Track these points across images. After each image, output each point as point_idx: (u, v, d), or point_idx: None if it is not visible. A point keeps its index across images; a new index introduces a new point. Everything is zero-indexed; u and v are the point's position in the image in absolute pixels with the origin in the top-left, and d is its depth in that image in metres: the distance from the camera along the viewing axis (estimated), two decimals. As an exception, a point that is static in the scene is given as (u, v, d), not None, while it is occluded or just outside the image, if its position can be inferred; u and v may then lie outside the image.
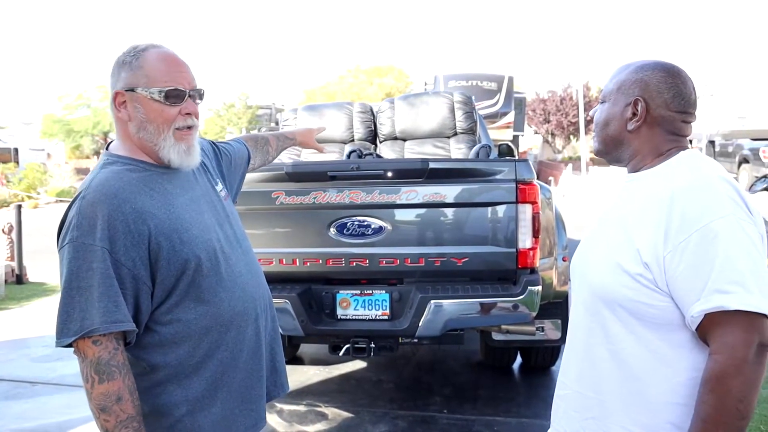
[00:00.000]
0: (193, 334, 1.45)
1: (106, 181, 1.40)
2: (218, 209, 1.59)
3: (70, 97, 35.38)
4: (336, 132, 4.54)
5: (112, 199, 1.36)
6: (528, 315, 3.00)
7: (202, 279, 1.45)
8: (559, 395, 1.44)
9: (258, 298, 1.60)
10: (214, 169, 1.73)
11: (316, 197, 3.10)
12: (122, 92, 1.45)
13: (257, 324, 1.59)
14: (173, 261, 1.40)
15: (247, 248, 1.65)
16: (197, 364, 1.46)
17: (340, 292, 3.16)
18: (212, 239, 1.49)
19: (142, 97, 1.44)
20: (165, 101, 1.44)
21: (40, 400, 3.96)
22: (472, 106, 4.48)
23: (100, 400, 1.31)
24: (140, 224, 1.37)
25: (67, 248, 1.35)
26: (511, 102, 14.27)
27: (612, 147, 1.38)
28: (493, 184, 3.03)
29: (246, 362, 1.55)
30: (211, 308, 1.47)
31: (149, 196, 1.42)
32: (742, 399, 1.11)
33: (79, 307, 1.32)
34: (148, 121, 1.45)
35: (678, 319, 1.21)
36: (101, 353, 1.32)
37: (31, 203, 17.88)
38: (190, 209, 1.49)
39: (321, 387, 4.15)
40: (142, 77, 1.44)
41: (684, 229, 1.17)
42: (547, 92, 26.51)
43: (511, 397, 3.92)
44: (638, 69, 1.33)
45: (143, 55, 1.45)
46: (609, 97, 1.37)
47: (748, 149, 14.08)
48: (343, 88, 32.96)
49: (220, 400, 1.50)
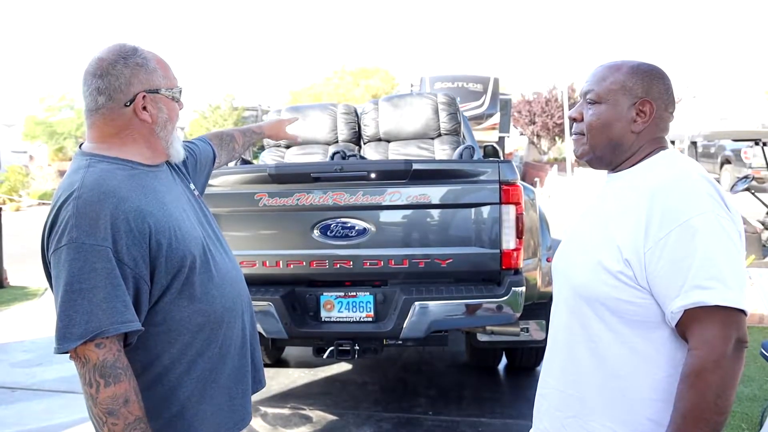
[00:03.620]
0: (185, 332, 1.44)
1: (102, 179, 1.37)
2: (196, 208, 1.60)
3: (52, 98, 34.97)
4: (320, 133, 4.52)
5: (111, 197, 1.34)
6: (512, 316, 3.00)
7: (195, 277, 1.44)
8: (541, 393, 1.45)
9: (243, 294, 1.62)
10: (186, 168, 1.73)
11: (300, 199, 3.08)
12: (146, 95, 1.46)
13: (243, 320, 1.60)
14: (171, 259, 1.39)
15: (226, 246, 1.66)
16: (189, 363, 1.45)
17: (324, 294, 3.14)
18: (200, 236, 1.50)
19: (164, 98, 1.49)
20: (179, 100, 1.53)
21: (20, 406, 3.90)
22: (456, 107, 4.48)
23: (107, 403, 1.28)
24: (141, 222, 1.35)
25: (66, 249, 1.30)
26: (497, 103, 14.32)
27: (609, 149, 1.35)
28: (476, 185, 3.04)
29: (233, 358, 1.55)
30: (204, 305, 1.46)
31: (143, 194, 1.41)
32: (721, 394, 1.12)
33: (82, 309, 1.28)
34: (169, 121, 1.51)
35: (658, 316, 1.22)
36: (106, 356, 1.29)
37: (13, 206, 17.64)
38: (177, 207, 1.48)
39: (305, 390, 4.13)
40: (161, 78, 1.48)
41: (664, 225, 1.18)
42: (532, 94, 26.62)
43: (496, 397, 3.93)
44: (636, 70, 1.33)
45: (146, 55, 1.47)
46: (605, 98, 1.34)
47: (730, 150, 14.25)
48: (330, 90, 32.89)
49: (209, 397, 1.49)
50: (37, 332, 5.43)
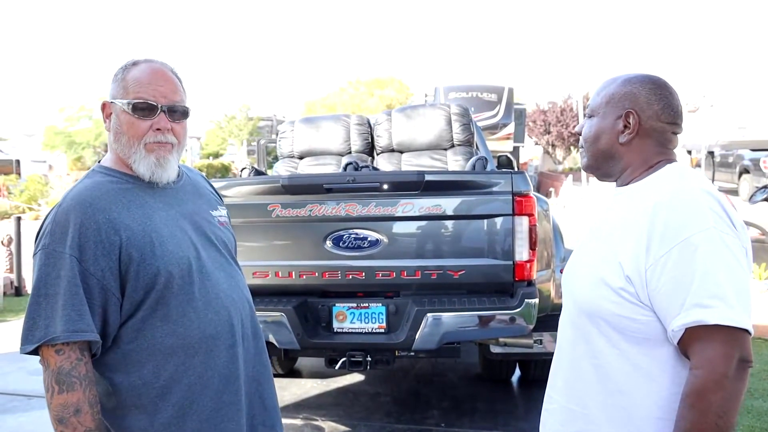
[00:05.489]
0: (156, 353, 1.40)
1: (84, 190, 1.41)
2: (206, 230, 1.54)
3: (71, 108, 35.46)
4: (333, 144, 4.54)
5: (87, 208, 1.36)
6: (525, 328, 2.98)
7: (171, 296, 1.41)
8: (546, 409, 1.44)
9: (237, 325, 1.51)
10: (219, 201, 1.69)
11: (312, 210, 3.09)
12: (107, 103, 1.47)
13: (233, 352, 1.49)
14: (143, 273, 1.38)
15: (233, 274, 1.57)
16: (163, 388, 1.40)
17: (336, 305, 3.14)
18: (188, 257, 1.45)
19: (118, 107, 1.44)
20: (133, 113, 1.43)
21: (36, 414, 3.93)
22: (470, 117, 4.48)
23: (58, 410, 1.30)
24: (112, 234, 1.36)
25: (39, 255, 1.36)
26: (511, 113, 14.32)
27: (603, 162, 1.37)
28: (489, 197, 3.03)
29: (218, 391, 1.46)
30: (178, 328, 1.41)
31: (126, 207, 1.41)
32: (722, 414, 1.10)
33: (45, 314, 1.31)
34: (122, 133, 1.45)
35: (660, 333, 1.20)
36: (63, 363, 1.30)
37: (32, 215, 17.88)
38: (170, 224, 1.45)
39: (318, 400, 4.13)
40: (122, 89, 1.45)
41: (665, 242, 1.16)
42: (547, 103, 26.55)
43: (509, 410, 3.90)
44: (625, 82, 1.34)
45: (131, 68, 1.46)
46: (597, 111, 1.36)
47: (748, 159, 14.06)
48: (344, 100, 33.04)
49: (191, 430, 1.42)
50: (54, 340, 5.48)
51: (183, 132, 1.50)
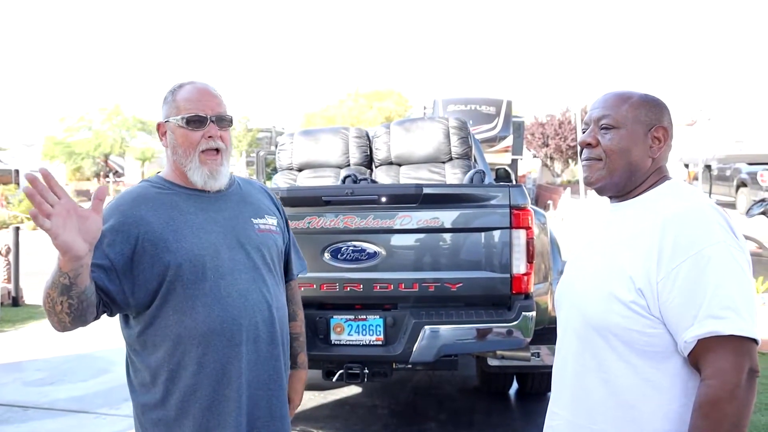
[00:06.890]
0: (167, 339, 1.58)
1: (126, 193, 1.70)
2: (239, 234, 1.68)
3: (71, 119, 35.58)
4: (332, 157, 4.56)
5: (122, 204, 1.63)
6: (522, 340, 2.99)
7: (182, 288, 1.57)
8: (550, 426, 1.44)
9: (247, 326, 1.61)
10: (273, 211, 1.85)
11: (311, 222, 3.11)
12: (162, 123, 1.70)
13: (237, 350, 1.60)
14: (156, 264, 1.56)
15: (259, 278, 1.67)
16: (172, 372, 1.58)
17: (333, 317, 3.15)
18: (205, 255, 1.59)
19: (172, 125, 1.67)
20: (187, 126, 1.64)
21: (32, 425, 3.92)
22: (468, 131, 4.51)
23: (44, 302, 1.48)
24: (133, 227, 1.57)
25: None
26: (510, 126, 14.35)
27: (627, 174, 1.35)
28: (487, 210, 3.04)
29: (217, 384, 1.58)
30: (186, 319, 1.57)
31: (154, 208, 1.62)
32: (737, 423, 1.12)
33: None
34: (178, 145, 1.67)
35: (670, 346, 1.22)
36: None
37: (31, 225, 17.85)
38: (194, 226, 1.62)
39: (315, 412, 4.11)
40: (174, 108, 1.67)
41: (677, 255, 1.18)
42: (545, 116, 26.70)
43: (506, 422, 3.89)
44: (646, 98, 1.36)
45: (179, 90, 1.69)
46: (624, 124, 1.34)
47: (745, 173, 14.12)
48: (343, 112, 33.16)
49: (191, 416, 1.58)
50: (51, 351, 5.46)
51: (229, 139, 1.72)
